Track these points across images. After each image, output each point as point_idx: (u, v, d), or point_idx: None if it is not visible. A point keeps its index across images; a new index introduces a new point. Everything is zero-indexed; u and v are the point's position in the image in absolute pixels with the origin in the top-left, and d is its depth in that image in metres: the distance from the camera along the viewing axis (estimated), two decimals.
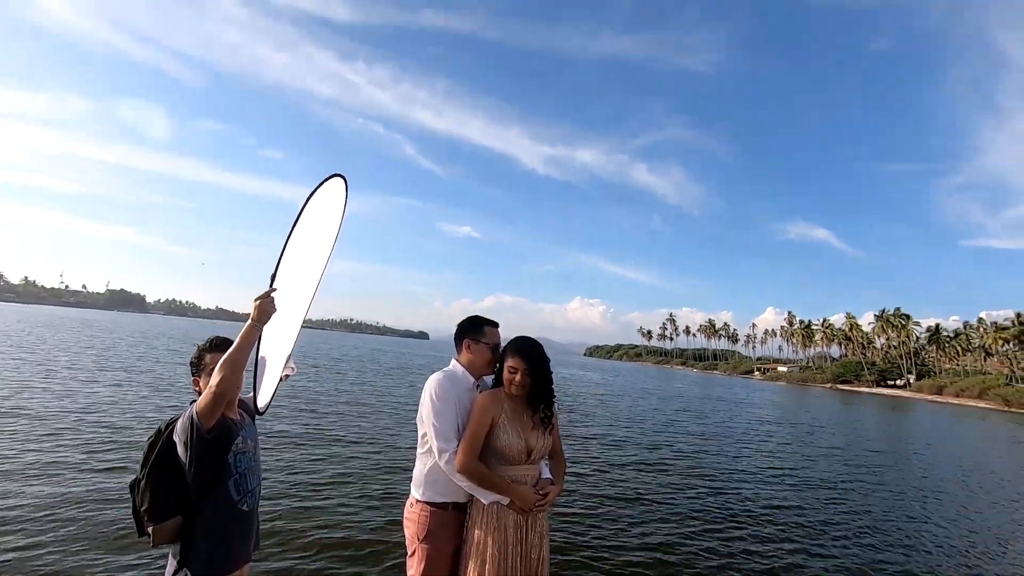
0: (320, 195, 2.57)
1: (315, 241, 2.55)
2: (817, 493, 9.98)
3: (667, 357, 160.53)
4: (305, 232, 2.54)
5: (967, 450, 20.08)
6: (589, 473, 9.74)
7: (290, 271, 2.46)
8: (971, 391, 67.65)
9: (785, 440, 17.28)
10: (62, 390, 12.60)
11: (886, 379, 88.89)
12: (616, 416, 19.19)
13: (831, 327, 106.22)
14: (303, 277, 2.53)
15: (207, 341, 2.44)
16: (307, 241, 2.54)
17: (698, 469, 11.06)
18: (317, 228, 2.56)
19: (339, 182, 2.59)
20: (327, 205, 2.58)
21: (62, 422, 9.25)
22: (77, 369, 17.08)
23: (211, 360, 2.31)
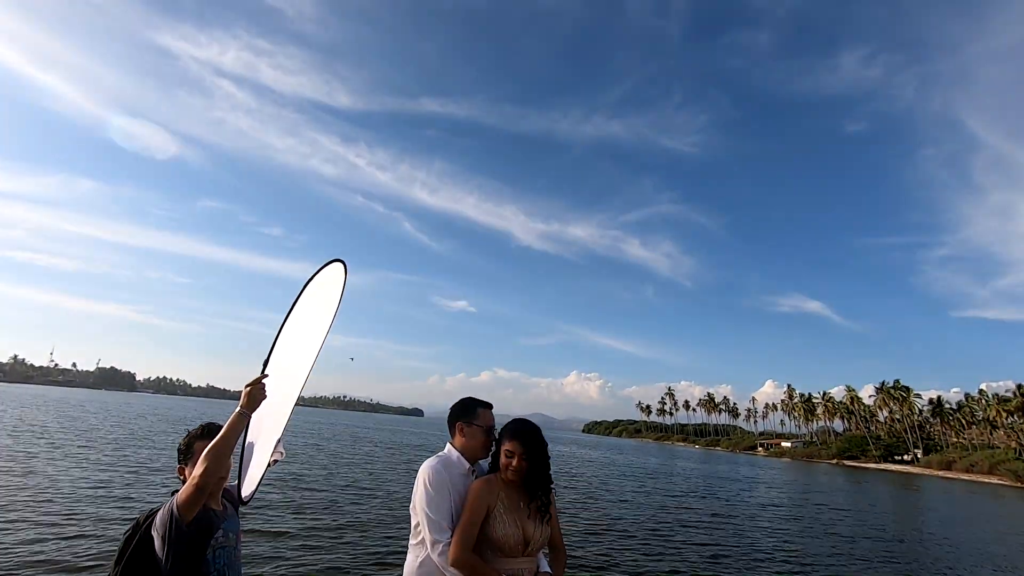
0: (319, 280, 2.60)
1: (311, 325, 2.56)
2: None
3: (667, 433, 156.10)
4: (302, 316, 2.55)
5: (988, 532, 19.21)
6: (593, 567, 9.21)
7: (284, 355, 2.44)
8: (981, 466, 65.65)
9: (801, 525, 16.52)
10: (31, 477, 12.06)
11: (892, 454, 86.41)
12: (621, 498, 18.41)
13: (832, 400, 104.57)
14: (297, 361, 2.52)
15: (199, 427, 2.35)
16: (303, 325, 2.54)
17: (708, 556, 10.49)
18: (314, 312, 2.57)
19: (339, 267, 2.63)
20: (325, 289, 2.61)
21: (32, 512, 8.79)
22: (50, 455, 16.44)
23: (199, 448, 2.20)
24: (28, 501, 9.45)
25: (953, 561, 12.42)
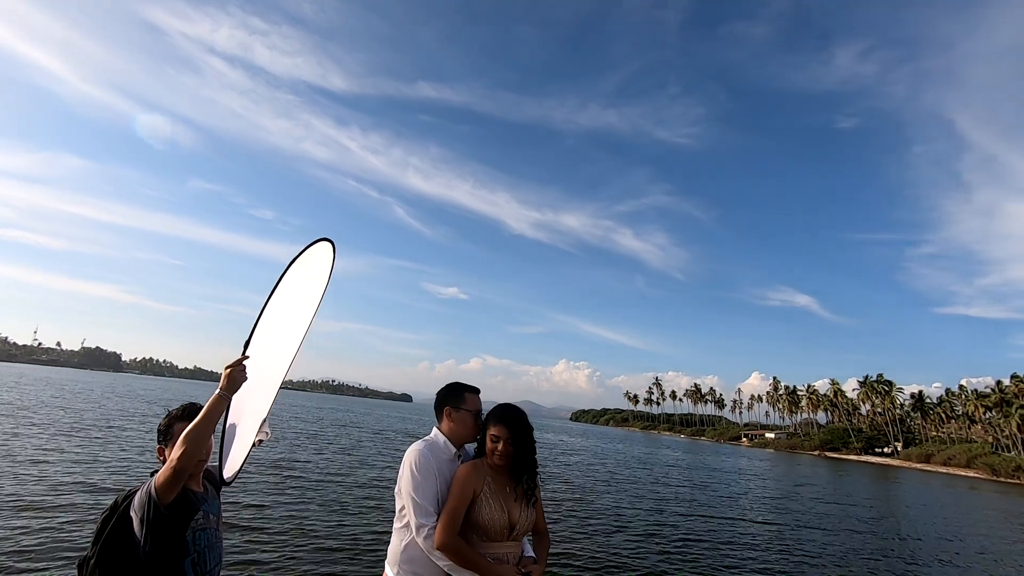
0: (305, 259, 2.54)
1: (298, 306, 2.50)
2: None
3: (654, 422, 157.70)
4: (287, 296, 2.49)
5: (961, 523, 19.65)
6: (577, 551, 9.30)
7: (268, 336, 2.39)
8: (958, 459, 67.14)
9: (783, 514, 16.79)
10: (5, 457, 11.94)
11: (873, 447, 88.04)
12: (608, 485, 18.60)
13: (816, 393, 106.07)
14: (283, 342, 2.47)
15: (179, 408, 2.30)
16: (289, 305, 2.48)
17: (694, 547, 10.64)
18: (300, 292, 2.51)
19: (326, 246, 2.56)
20: (312, 269, 2.54)
21: (4, 494, 8.69)
22: (27, 435, 16.28)
23: (179, 429, 2.13)
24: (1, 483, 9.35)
25: (921, 550, 12.70)
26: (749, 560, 9.71)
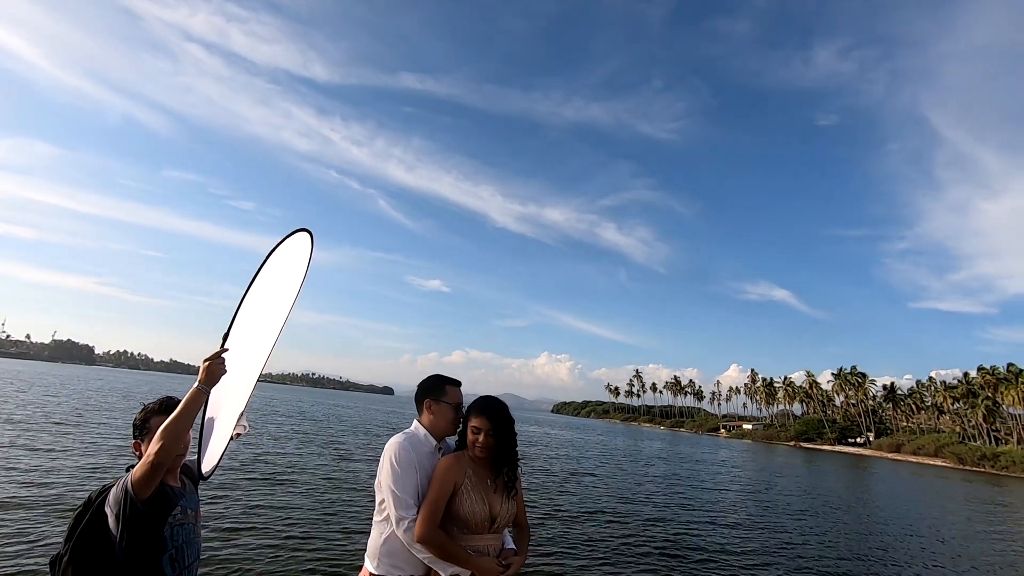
0: (283, 250, 2.51)
1: (275, 297, 2.47)
2: (792, 552, 9.84)
3: (635, 414, 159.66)
4: (265, 288, 2.45)
5: (927, 509, 20.31)
6: (557, 538, 9.39)
7: (246, 328, 2.36)
8: (927, 449, 69.28)
9: (758, 502, 17.15)
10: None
11: (847, 437, 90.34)
12: (590, 476, 18.79)
13: (792, 385, 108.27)
14: (260, 334, 2.44)
15: (156, 402, 2.24)
16: (267, 297, 2.45)
17: (672, 535, 10.82)
18: (278, 284, 2.48)
19: (304, 237, 2.54)
20: (291, 260, 2.52)
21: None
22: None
23: (156, 424, 2.08)
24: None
25: (887, 534, 13.13)
26: (725, 543, 9.92)
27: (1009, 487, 37.88)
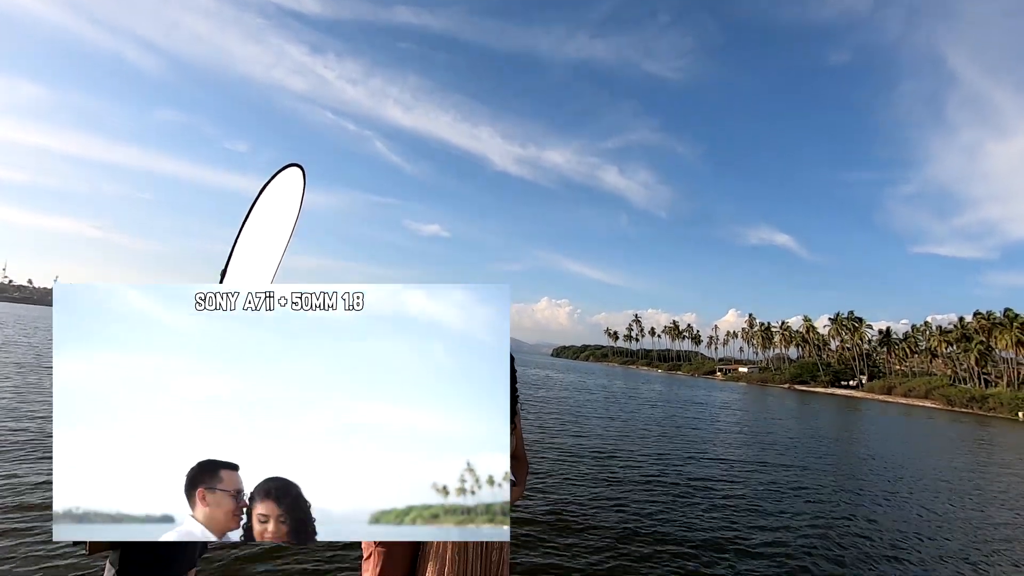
0: (276, 186, 2.46)
1: (270, 234, 2.45)
2: (771, 482, 10.26)
3: (633, 358, 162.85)
4: (259, 225, 2.43)
5: (908, 445, 21.03)
6: (555, 472, 9.75)
7: (243, 265, 2.34)
8: (918, 391, 70.99)
9: (746, 436, 17.71)
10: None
11: (840, 380, 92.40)
12: (586, 415, 19.33)
13: (789, 329, 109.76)
14: (257, 271, 2.42)
15: None
16: (262, 234, 2.43)
17: (661, 466, 11.22)
18: (272, 220, 2.45)
19: (296, 172, 2.49)
20: (283, 196, 2.48)
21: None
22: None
23: None
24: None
25: (869, 469, 13.67)
26: (713, 475, 10.34)
27: (993, 426, 39.08)
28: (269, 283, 2.42)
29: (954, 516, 9.79)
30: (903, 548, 7.47)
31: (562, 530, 6.63)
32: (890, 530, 8.32)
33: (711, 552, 6.44)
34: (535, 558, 5.67)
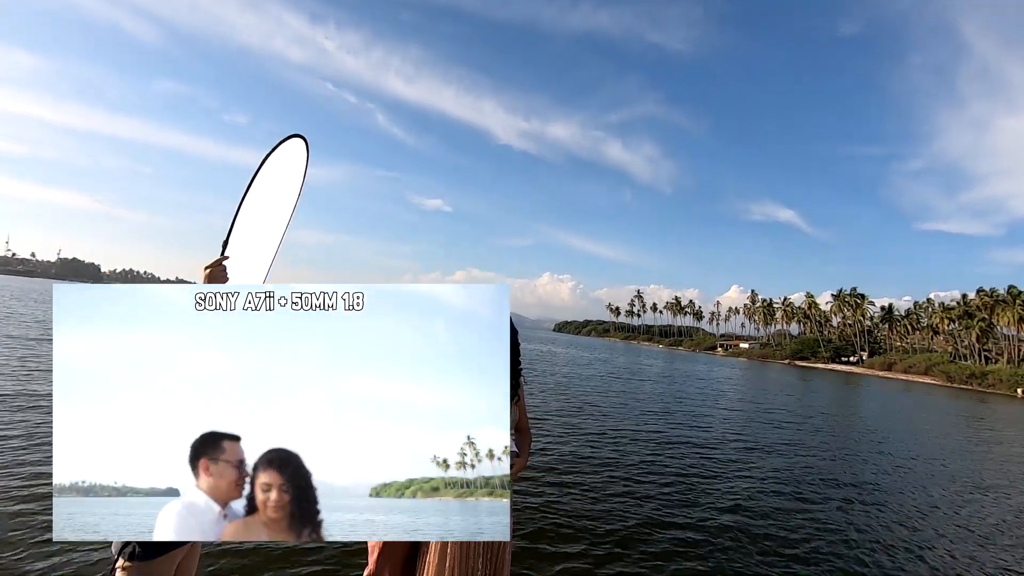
0: (277, 157, 2.42)
1: (273, 205, 2.42)
2: (765, 456, 10.40)
3: (634, 333, 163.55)
4: (262, 196, 2.40)
5: (903, 419, 21.22)
6: (558, 449, 9.88)
7: (246, 237, 2.32)
8: (918, 367, 71.32)
9: (743, 411, 17.88)
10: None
11: (840, 356, 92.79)
12: (587, 391, 19.50)
13: (791, 305, 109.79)
14: (260, 243, 2.41)
15: None
16: (264, 205, 2.40)
17: (662, 443, 11.36)
18: (275, 192, 2.42)
19: (299, 143, 2.45)
20: (286, 168, 2.44)
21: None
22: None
23: None
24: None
25: (862, 441, 13.83)
26: (709, 449, 10.48)
27: (991, 402, 39.36)
28: (272, 256, 2.40)
29: (941, 486, 9.94)
30: (887, 516, 7.59)
31: (566, 510, 6.75)
32: (881, 501, 8.45)
33: (705, 524, 6.56)
34: (535, 523, 5.79)
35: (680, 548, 5.74)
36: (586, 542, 5.60)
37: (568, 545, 5.48)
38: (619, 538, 5.81)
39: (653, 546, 5.72)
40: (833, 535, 6.65)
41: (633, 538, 5.85)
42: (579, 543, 5.55)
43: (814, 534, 6.61)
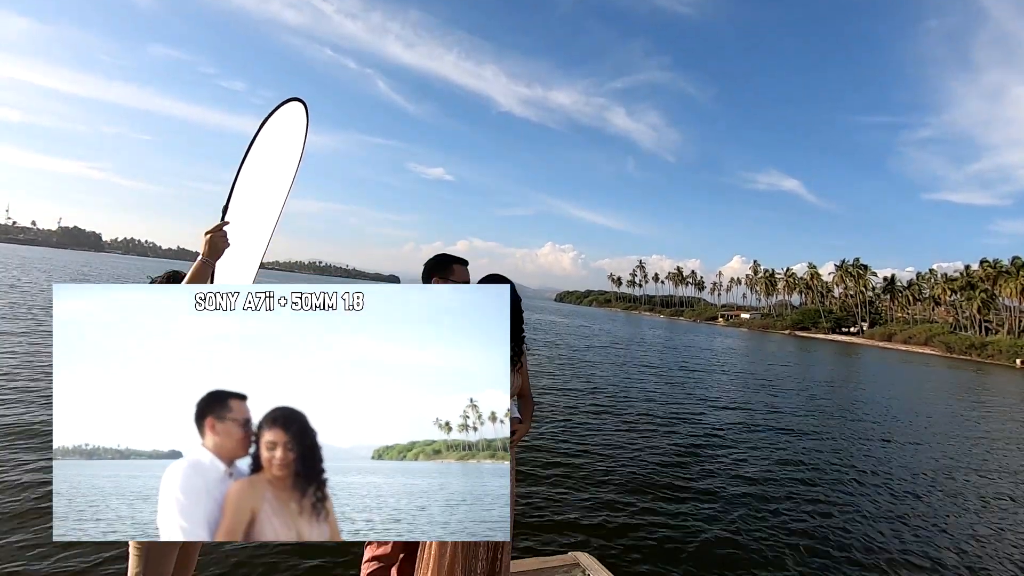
0: (276, 121, 2.37)
1: (274, 171, 2.39)
2: (762, 422, 10.55)
3: (635, 303, 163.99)
4: (261, 161, 2.36)
5: (904, 391, 21.44)
6: (561, 421, 10.02)
7: (246, 203, 2.30)
8: (918, 338, 71.54)
9: (743, 381, 18.05)
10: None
11: (841, 326, 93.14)
12: (587, 360, 19.67)
13: (793, 276, 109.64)
14: (261, 209, 2.38)
15: (163, 275, 2.33)
16: (264, 171, 2.37)
17: (661, 416, 11.51)
18: (275, 157, 2.38)
19: (298, 107, 2.40)
20: (286, 132, 2.40)
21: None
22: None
23: None
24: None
25: (856, 408, 14.02)
26: (705, 415, 10.64)
27: (988, 372, 39.65)
28: (275, 222, 2.38)
29: (933, 452, 10.11)
30: (878, 483, 7.75)
31: (569, 480, 6.88)
32: (874, 468, 8.60)
33: (704, 487, 6.70)
34: (536, 488, 5.92)
35: (685, 508, 5.89)
36: (586, 507, 5.74)
37: (572, 510, 5.61)
38: (624, 493, 5.94)
39: (654, 504, 5.86)
40: (814, 497, 6.80)
41: (639, 498, 5.99)
42: (580, 509, 5.69)
43: (795, 497, 6.76)
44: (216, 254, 2.01)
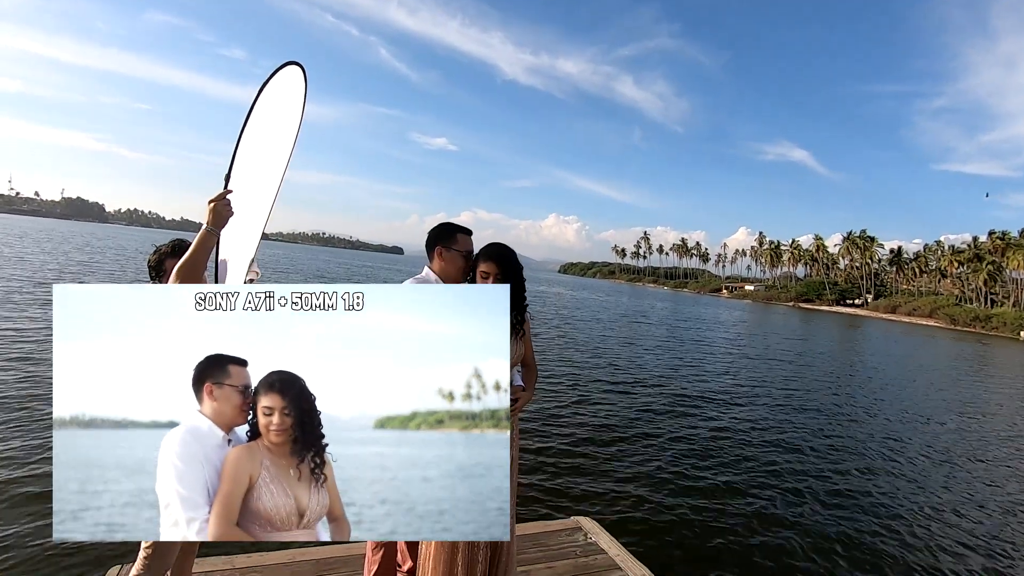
0: (275, 86, 2.32)
1: (274, 137, 2.35)
2: (766, 396, 10.65)
3: (640, 275, 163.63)
4: (261, 127, 2.32)
5: (905, 362, 21.51)
6: (566, 390, 10.12)
7: (248, 171, 2.27)
8: (922, 310, 71.36)
9: (740, 348, 18.13)
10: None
11: (845, 298, 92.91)
12: (592, 331, 19.76)
13: (799, 248, 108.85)
14: (263, 177, 2.36)
15: (168, 244, 2.33)
16: (265, 138, 2.33)
17: (665, 386, 11.60)
18: (275, 123, 2.34)
19: (296, 71, 2.34)
20: (284, 97, 2.34)
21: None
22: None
23: (170, 265, 2.16)
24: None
25: (852, 378, 14.12)
26: (709, 387, 10.74)
27: (991, 344, 39.66)
28: (276, 189, 2.36)
29: (928, 422, 10.21)
30: (875, 455, 7.85)
31: (573, 455, 6.98)
32: (872, 439, 8.70)
33: (705, 456, 6.80)
34: (542, 476, 6.03)
35: (684, 467, 5.99)
36: (591, 475, 5.84)
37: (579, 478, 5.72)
38: (622, 462, 6.04)
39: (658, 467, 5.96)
40: (805, 462, 6.90)
41: (639, 467, 6.09)
42: (588, 475, 5.80)
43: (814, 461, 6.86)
44: (221, 223, 2.00)
